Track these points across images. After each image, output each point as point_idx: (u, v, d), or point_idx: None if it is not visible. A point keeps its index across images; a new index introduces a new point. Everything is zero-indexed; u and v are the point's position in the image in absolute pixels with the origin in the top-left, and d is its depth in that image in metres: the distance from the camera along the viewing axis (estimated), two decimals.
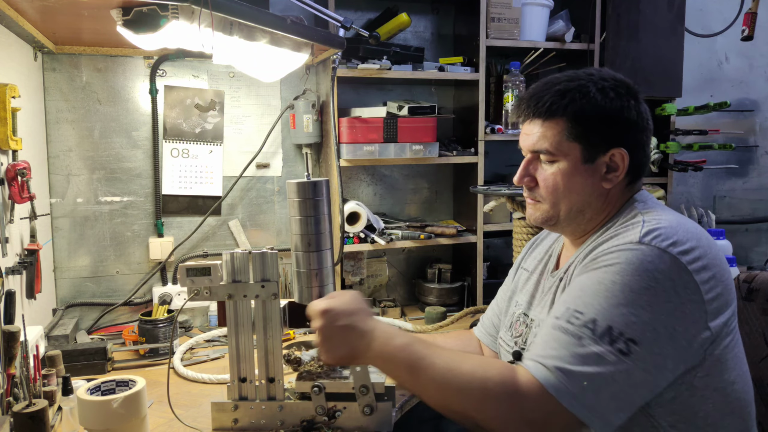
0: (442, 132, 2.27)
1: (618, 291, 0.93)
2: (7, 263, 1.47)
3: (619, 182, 1.11)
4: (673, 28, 2.30)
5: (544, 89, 1.12)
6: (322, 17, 1.75)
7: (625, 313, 0.92)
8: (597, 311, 0.93)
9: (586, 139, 1.08)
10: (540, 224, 1.17)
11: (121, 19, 1.31)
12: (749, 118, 2.90)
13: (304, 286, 1.25)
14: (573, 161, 1.10)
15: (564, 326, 0.94)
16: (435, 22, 2.35)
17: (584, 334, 0.92)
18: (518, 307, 1.28)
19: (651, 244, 0.95)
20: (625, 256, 0.96)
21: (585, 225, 1.15)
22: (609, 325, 0.91)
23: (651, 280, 0.93)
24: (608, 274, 0.95)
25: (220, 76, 2.10)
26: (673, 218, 1.03)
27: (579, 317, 0.94)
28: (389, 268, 2.34)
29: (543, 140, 1.11)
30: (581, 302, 0.95)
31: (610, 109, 1.08)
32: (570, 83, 1.11)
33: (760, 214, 2.88)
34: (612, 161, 1.09)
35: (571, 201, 1.11)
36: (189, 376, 1.54)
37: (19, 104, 1.51)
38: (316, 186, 1.24)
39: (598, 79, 1.10)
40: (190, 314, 2.05)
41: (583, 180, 1.10)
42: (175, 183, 2.07)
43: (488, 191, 1.94)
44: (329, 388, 1.22)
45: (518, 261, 1.41)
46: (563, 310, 0.97)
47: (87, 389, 1.15)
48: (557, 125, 1.09)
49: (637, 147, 1.11)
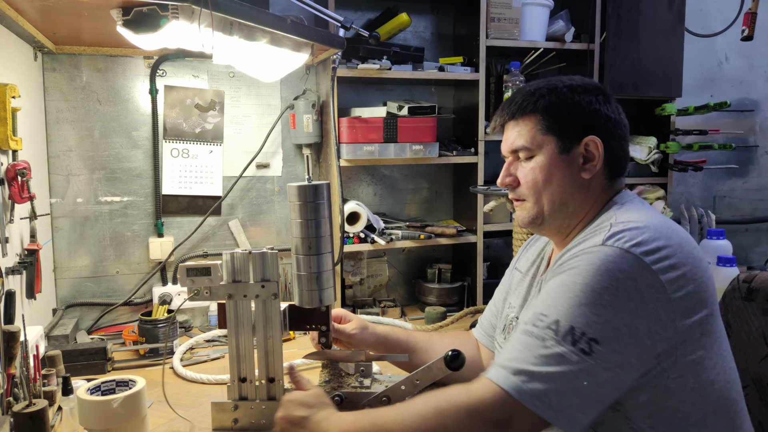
0: (442, 132, 2.27)
1: (579, 291, 0.94)
2: (7, 263, 1.47)
3: (599, 175, 1.13)
4: (673, 28, 2.30)
5: (515, 95, 1.19)
6: (322, 17, 1.75)
7: (587, 313, 0.93)
8: (559, 312, 0.94)
9: (558, 130, 1.12)
10: (527, 226, 1.18)
11: (121, 19, 1.31)
12: (749, 118, 2.90)
13: (304, 289, 1.25)
14: (549, 153, 1.13)
15: (529, 330, 0.95)
16: (435, 22, 2.35)
17: (547, 336, 0.93)
18: (511, 310, 1.28)
19: (614, 245, 0.96)
20: (587, 259, 0.97)
21: (569, 220, 1.15)
22: (571, 326, 0.92)
23: (612, 279, 0.94)
24: (571, 276, 0.97)
25: (220, 76, 2.10)
26: (645, 218, 1.03)
27: (543, 319, 0.95)
28: (389, 268, 2.34)
29: (519, 138, 1.15)
30: (545, 305, 0.97)
31: (578, 100, 1.12)
32: (539, 84, 1.17)
33: (760, 214, 2.88)
34: (587, 151, 1.12)
35: (552, 193, 1.13)
36: (188, 377, 1.54)
37: (19, 104, 1.51)
38: (317, 189, 1.23)
39: (566, 80, 1.16)
40: (190, 314, 2.05)
41: (561, 171, 1.12)
42: (175, 183, 2.07)
43: (488, 191, 1.94)
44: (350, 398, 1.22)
45: (513, 261, 1.42)
46: (530, 314, 0.98)
47: (87, 389, 1.15)
48: (530, 121, 1.14)
49: (612, 138, 1.13)
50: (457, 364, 1.18)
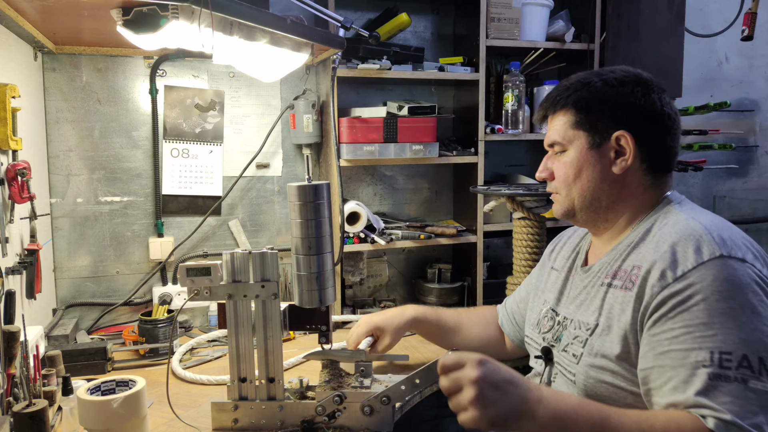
0: (442, 132, 2.27)
1: (740, 315, 0.93)
2: (7, 263, 1.47)
3: (636, 170, 1.13)
4: (673, 28, 2.29)
5: (555, 89, 1.21)
6: (322, 17, 1.75)
7: (761, 338, 0.92)
8: (740, 346, 0.92)
9: (589, 125, 1.13)
10: (561, 217, 1.21)
11: (121, 19, 1.31)
12: (749, 118, 2.89)
13: (304, 289, 1.25)
14: (579, 148, 1.14)
15: (721, 374, 0.92)
16: (435, 22, 2.35)
17: (746, 375, 0.90)
18: (546, 304, 1.29)
19: (732, 255, 0.97)
20: (721, 274, 0.96)
21: (606, 215, 1.16)
22: (759, 357, 0.91)
23: (755, 295, 0.95)
24: (722, 302, 0.94)
25: (220, 76, 2.10)
26: (718, 221, 1.06)
27: (730, 358, 0.92)
28: (389, 268, 2.34)
29: (553, 133, 1.18)
30: (720, 341, 0.93)
31: (610, 95, 1.12)
32: (576, 78, 1.18)
33: (760, 214, 2.88)
34: (618, 145, 1.12)
35: (582, 188, 1.15)
36: (187, 378, 1.54)
37: (19, 104, 1.51)
38: (317, 189, 1.23)
39: (605, 72, 1.16)
40: (190, 314, 2.05)
41: (591, 166, 1.13)
42: (175, 183, 2.07)
43: (488, 191, 1.94)
44: (350, 398, 1.22)
45: (544, 259, 1.43)
46: (706, 356, 0.93)
47: (87, 389, 1.15)
48: (563, 116, 1.16)
49: (648, 134, 1.12)
50: None
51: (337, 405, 1.22)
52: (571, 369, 1.12)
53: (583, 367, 1.09)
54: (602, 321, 1.09)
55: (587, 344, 1.09)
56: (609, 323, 1.07)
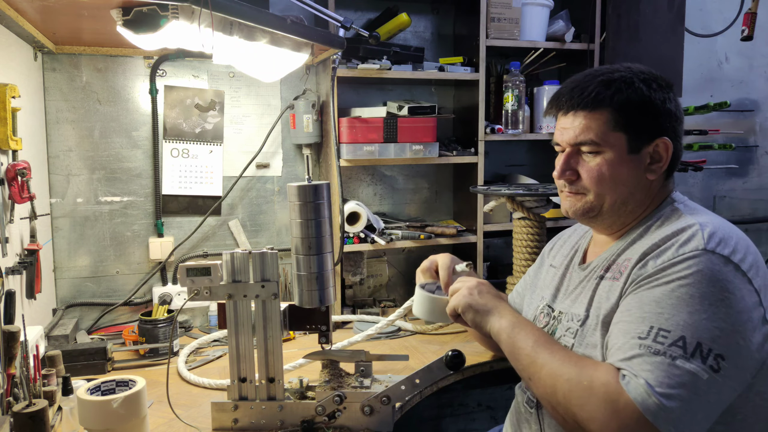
0: (442, 132, 2.27)
1: (697, 304, 0.93)
2: (7, 263, 1.47)
3: (661, 175, 1.13)
4: (673, 28, 2.29)
5: (586, 81, 1.13)
6: (322, 17, 1.75)
7: (709, 327, 0.92)
8: (683, 328, 0.92)
9: (631, 128, 1.09)
10: (580, 216, 1.17)
11: (121, 19, 1.31)
12: (749, 118, 2.89)
13: (304, 289, 1.25)
14: (618, 152, 1.10)
15: (653, 346, 0.92)
16: (435, 22, 2.35)
17: (676, 354, 0.91)
18: (542, 301, 1.30)
19: (716, 251, 0.96)
20: (696, 266, 0.95)
21: (625, 218, 1.15)
22: (698, 342, 0.91)
23: (725, 291, 0.93)
24: (684, 288, 0.95)
25: (220, 76, 2.10)
26: (719, 221, 1.04)
27: (666, 335, 0.92)
28: (389, 268, 2.34)
29: (587, 131, 1.10)
30: (663, 320, 0.94)
31: (654, 99, 1.09)
32: (612, 74, 1.11)
33: (760, 214, 2.88)
34: (656, 151, 1.11)
35: (617, 192, 1.11)
36: (191, 380, 1.53)
37: (19, 104, 1.51)
38: (317, 189, 1.23)
39: (637, 71, 1.12)
40: (190, 314, 2.05)
41: (628, 171, 1.11)
42: (175, 183, 2.07)
43: (488, 191, 1.94)
44: (350, 398, 1.22)
45: (543, 255, 1.43)
46: (646, 329, 0.95)
47: (87, 389, 1.15)
48: (602, 116, 1.10)
49: (677, 138, 1.12)
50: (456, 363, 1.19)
51: (337, 405, 1.22)
52: None
53: None
54: (592, 312, 1.10)
55: (578, 335, 1.10)
56: (597, 314, 1.08)
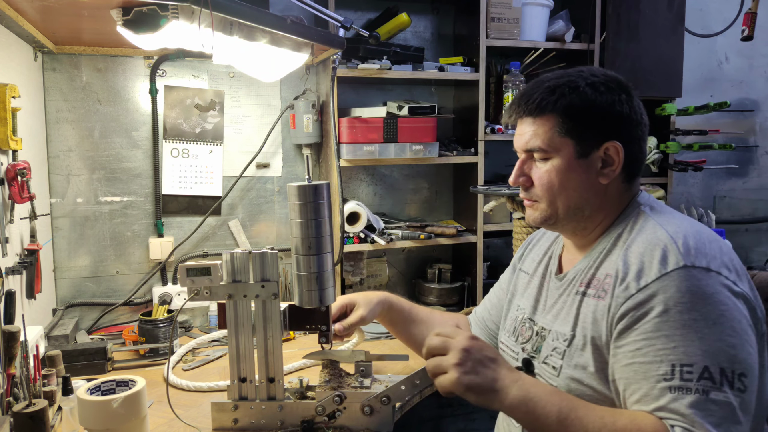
0: (442, 132, 2.27)
1: (703, 327, 0.92)
2: (7, 263, 1.47)
3: (616, 178, 1.10)
4: (673, 28, 2.30)
5: (533, 88, 1.12)
6: (322, 17, 1.75)
7: (723, 348, 0.92)
8: (701, 357, 0.92)
9: (578, 133, 1.07)
10: (539, 225, 1.16)
11: (121, 19, 1.31)
12: (749, 118, 2.90)
13: (304, 289, 1.25)
14: (566, 157, 1.08)
15: (683, 386, 0.92)
16: (435, 22, 2.35)
17: (707, 387, 0.90)
18: (521, 312, 1.26)
19: (696, 265, 0.96)
20: (683, 285, 0.95)
21: (585, 223, 1.13)
22: (720, 368, 0.91)
23: (718, 304, 0.93)
24: (683, 313, 0.94)
25: (220, 76, 2.10)
26: (686, 225, 1.03)
27: (690, 370, 0.92)
28: (389, 268, 2.34)
29: (535, 138, 1.10)
30: (681, 353, 0.93)
31: (600, 102, 1.07)
32: (559, 80, 1.10)
33: (760, 214, 2.88)
34: (606, 155, 1.09)
35: (568, 198, 1.10)
36: (185, 387, 1.48)
37: (19, 104, 1.51)
38: (317, 189, 1.23)
39: (588, 75, 1.10)
40: (190, 314, 2.05)
41: (578, 176, 1.09)
42: (175, 183, 2.07)
43: (488, 191, 1.94)
44: (350, 398, 1.22)
45: (514, 262, 1.40)
46: (668, 369, 0.93)
47: (87, 389, 1.15)
48: (548, 121, 1.09)
49: (632, 141, 1.10)
50: None
51: (337, 405, 1.22)
52: (552, 381, 1.10)
53: (564, 380, 1.07)
54: (578, 332, 1.08)
55: (566, 356, 1.08)
56: (584, 334, 1.06)
